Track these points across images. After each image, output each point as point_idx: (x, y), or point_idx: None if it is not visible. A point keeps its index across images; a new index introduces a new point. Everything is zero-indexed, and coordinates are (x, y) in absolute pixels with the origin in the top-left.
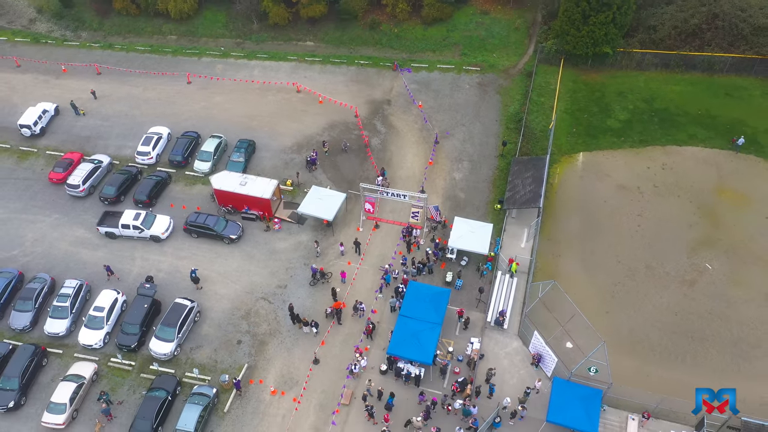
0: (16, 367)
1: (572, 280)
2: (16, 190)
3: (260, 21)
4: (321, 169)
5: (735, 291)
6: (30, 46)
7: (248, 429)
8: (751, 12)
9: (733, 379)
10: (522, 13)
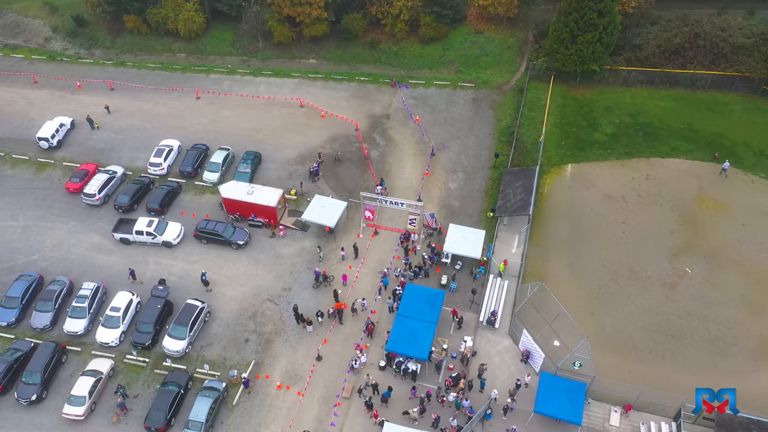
0: (38, 363)
1: (560, 283)
2: (35, 199)
3: (265, 40)
4: (323, 179)
5: (713, 293)
6: (46, 64)
7: (255, 420)
8: (731, 32)
9: (710, 374)
10: (514, 33)
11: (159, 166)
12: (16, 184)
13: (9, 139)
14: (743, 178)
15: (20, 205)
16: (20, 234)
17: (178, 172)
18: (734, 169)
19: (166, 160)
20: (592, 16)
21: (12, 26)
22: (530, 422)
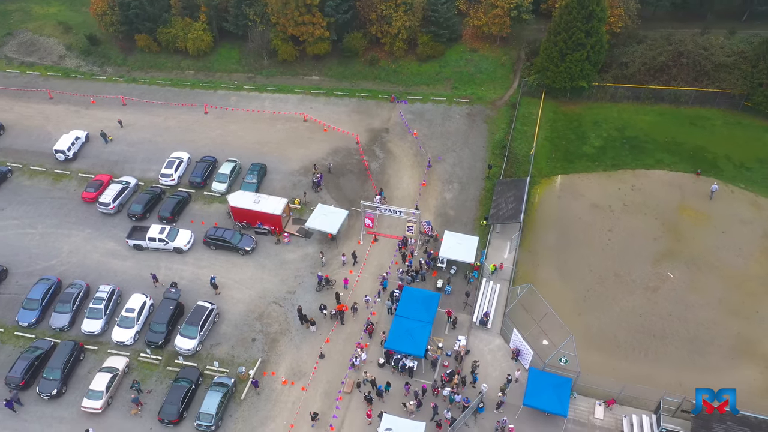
0: (59, 360)
1: (549, 286)
2: (52, 208)
3: (270, 57)
4: (326, 189)
5: (693, 296)
6: (61, 80)
7: (262, 414)
8: (713, 51)
9: (689, 371)
10: (507, 51)
11: (170, 176)
12: (34, 193)
13: (27, 151)
14: (723, 189)
15: (38, 214)
16: (39, 240)
17: (188, 183)
18: (712, 179)
19: (177, 171)
20: (580, 36)
21: (28, 45)
22: (520, 415)
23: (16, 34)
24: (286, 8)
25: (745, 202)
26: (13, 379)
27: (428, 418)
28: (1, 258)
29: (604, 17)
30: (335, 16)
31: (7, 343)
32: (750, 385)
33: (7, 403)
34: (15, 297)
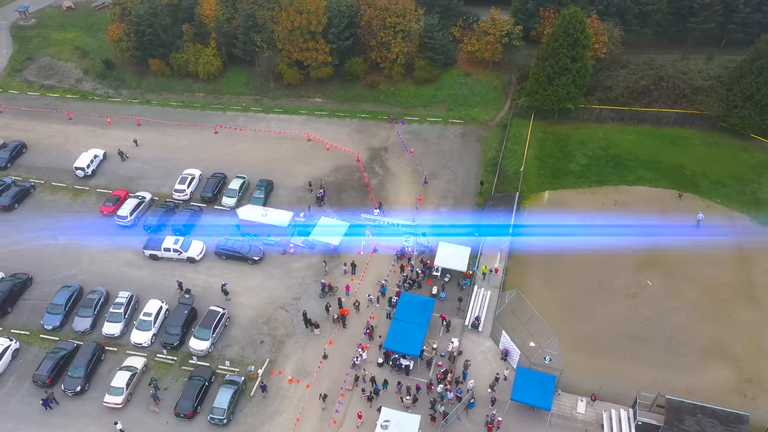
0: (82, 359)
1: (536, 293)
2: (72, 221)
3: (276, 81)
4: (328, 204)
5: (670, 302)
6: (79, 102)
7: (270, 409)
8: (691, 75)
9: (665, 371)
10: (499, 75)
11: (183, 192)
12: (55, 207)
13: (48, 168)
14: (700, 203)
15: (60, 226)
16: (61, 251)
17: (200, 198)
18: (692, 195)
19: (189, 187)
20: (566, 62)
21: (47, 68)
22: (508, 409)
23: (36, 59)
24: (292, 35)
25: (721, 216)
26: (40, 377)
27: (425, 412)
28: (27, 267)
29: (589, 44)
30: (337, 42)
31: (34, 344)
32: (721, 383)
33: (43, 402)
34: (40, 303)
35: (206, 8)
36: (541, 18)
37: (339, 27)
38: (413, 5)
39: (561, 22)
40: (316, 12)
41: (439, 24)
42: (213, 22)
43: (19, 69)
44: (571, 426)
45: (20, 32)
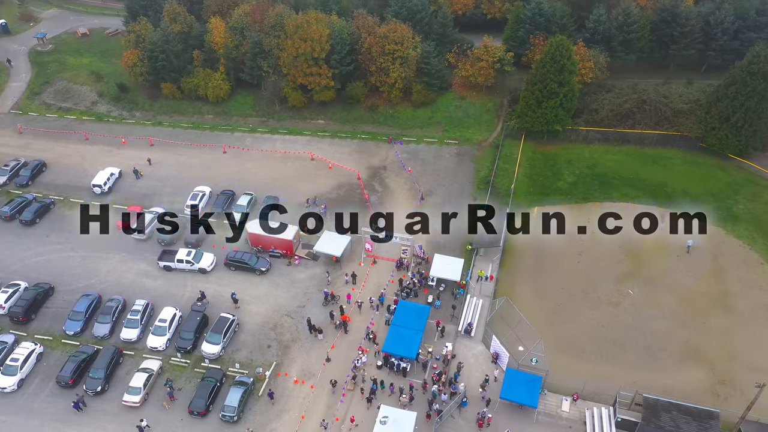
0: (102, 362)
1: (525, 301)
2: (90, 235)
3: (281, 104)
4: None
5: (649, 310)
6: (94, 123)
7: (277, 407)
8: (672, 99)
9: (644, 372)
10: (492, 98)
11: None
12: (74, 222)
13: (66, 186)
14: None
15: (78, 240)
16: (80, 263)
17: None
18: (670, 210)
19: (200, 203)
20: (554, 86)
21: (63, 92)
22: (498, 407)
23: (53, 83)
24: (297, 61)
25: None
26: (64, 378)
27: (421, 410)
28: (48, 277)
29: (575, 70)
30: (339, 68)
31: (56, 349)
32: (696, 384)
33: (74, 404)
34: (61, 310)
35: (216, 36)
36: (531, 45)
37: (341, 53)
38: (410, 33)
39: (548, 49)
40: (319, 40)
41: (435, 51)
42: (222, 48)
43: (38, 92)
44: (556, 423)
45: (38, 57)
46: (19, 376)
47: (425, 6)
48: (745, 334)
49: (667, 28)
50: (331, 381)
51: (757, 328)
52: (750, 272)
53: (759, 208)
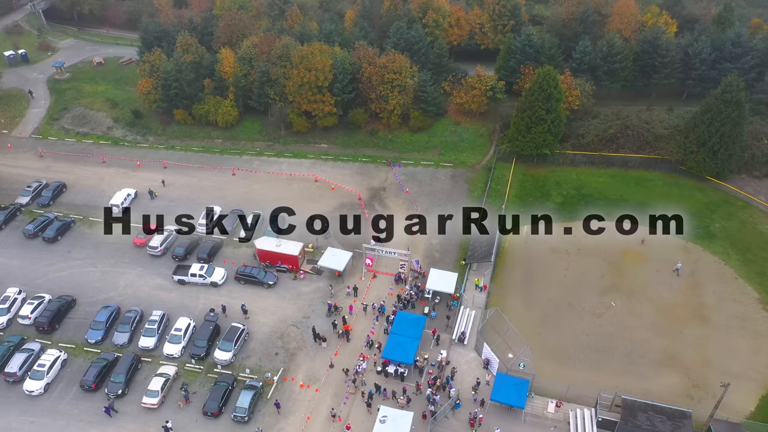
0: (122, 368)
1: (515, 312)
2: (108, 250)
3: (287, 129)
4: (334, 236)
5: (630, 321)
6: (111, 147)
7: (284, 409)
8: (653, 124)
9: (624, 378)
10: (485, 124)
11: (206, 226)
12: (93, 239)
13: (86, 205)
14: (659, 236)
15: (98, 256)
16: (99, 277)
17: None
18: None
19: (211, 222)
20: (542, 113)
21: (80, 117)
22: (488, 409)
23: (71, 109)
24: (301, 89)
25: (676, 247)
26: (87, 382)
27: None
28: (70, 290)
29: (561, 98)
30: (341, 95)
31: (79, 356)
32: (672, 388)
33: (106, 409)
34: (83, 321)
35: (226, 65)
36: (521, 74)
37: (343, 82)
38: (408, 63)
39: (536, 79)
40: (323, 69)
41: (431, 79)
42: (231, 77)
43: (56, 118)
44: (542, 423)
45: (56, 85)
46: (45, 381)
47: (422, 37)
48: (718, 342)
49: (649, 59)
50: (343, 369)
51: (730, 338)
52: (725, 286)
53: (734, 226)
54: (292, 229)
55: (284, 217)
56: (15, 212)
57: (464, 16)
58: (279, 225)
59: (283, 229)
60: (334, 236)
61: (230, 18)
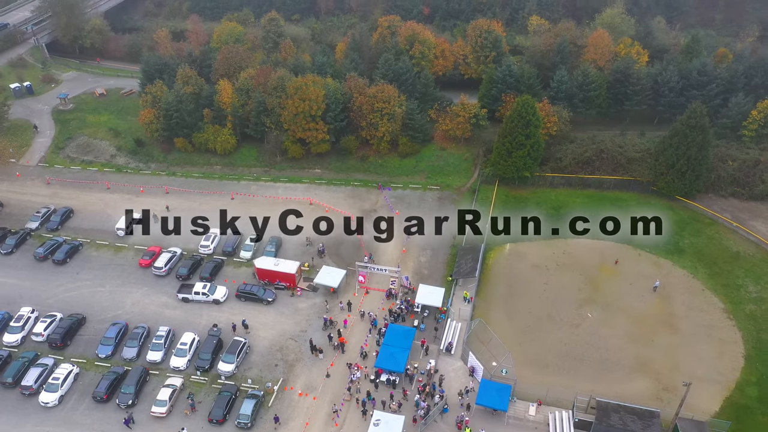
0: (132, 379)
1: (498, 323)
2: (115, 272)
3: (282, 155)
4: (328, 256)
5: (605, 330)
6: (114, 174)
7: (284, 416)
8: (626, 148)
9: (599, 383)
10: (469, 149)
11: (207, 247)
12: (100, 262)
13: (92, 229)
14: (632, 252)
15: (105, 276)
16: (107, 296)
17: (222, 252)
18: (625, 245)
19: (213, 243)
20: (521, 139)
21: (84, 146)
22: (474, 412)
23: (75, 138)
24: (296, 118)
25: (649, 262)
26: (99, 393)
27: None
28: (80, 309)
29: (539, 124)
30: (334, 123)
31: (90, 370)
32: (644, 391)
33: (125, 421)
34: (93, 337)
35: (224, 96)
36: (503, 102)
37: (335, 111)
38: (396, 93)
39: (516, 107)
40: (316, 99)
41: (418, 108)
42: (229, 107)
43: (62, 147)
44: (524, 425)
45: (60, 115)
46: (59, 393)
47: (409, 68)
48: (686, 349)
49: (622, 87)
50: (347, 364)
51: (697, 345)
52: (692, 297)
53: (701, 242)
54: (299, 230)
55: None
56: (25, 236)
57: (448, 48)
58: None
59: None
60: (329, 256)
61: (227, 51)
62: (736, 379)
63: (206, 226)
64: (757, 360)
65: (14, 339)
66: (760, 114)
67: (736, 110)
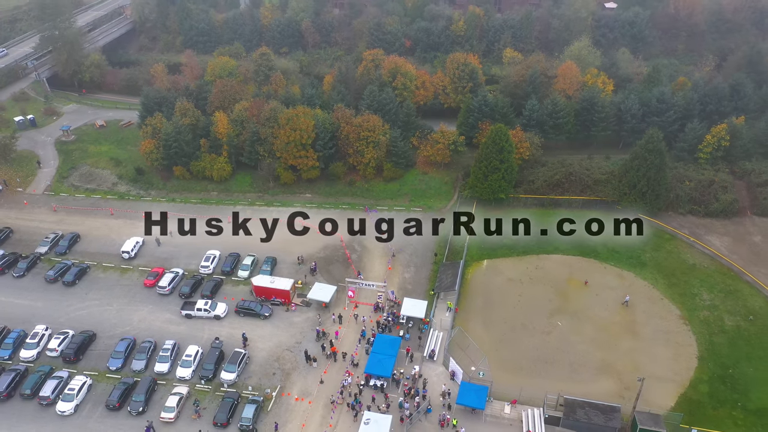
0: (142, 389)
1: (476, 332)
2: (122, 292)
3: (275, 181)
4: (320, 273)
5: (574, 337)
6: (117, 201)
7: (283, 420)
8: (593, 171)
9: (568, 383)
10: (449, 173)
11: (207, 267)
12: (107, 283)
13: (98, 253)
14: (599, 266)
15: (112, 296)
16: (115, 314)
17: (221, 271)
18: (592, 260)
19: (212, 263)
20: (496, 163)
21: (87, 175)
22: (455, 411)
23: (78, 168)
24: (288, 147)
25: (613, 275)
26: (112, 402)
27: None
28: (90, 326)
29: (513, 150)
30: (323, 151)
31: (101, 381)
32: (608, 390)
33: (147, 429)
34: (103, 352)
35: (220, 127)
36: (479, 129)
37: (324, 139)
38: (381, 122)
39: (490, 135)
40: (306, 129)
41: (401, 135)
42: (225, 137)
43: (65, 176)
44: (500, 422)
45: (63, 146)
46: (75, 402)
47: (392, 99)
48: (646, 352)
49: (588, 114)
50: (342, 353)
51: (656, 348)
52: (652, 306)
53: (661, 256)
54: (306, 230)
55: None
56: (35, 261)
57: (429, 79)
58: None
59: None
60: (320, 273)
61: (222, 84)
62: (690, 378)
63: (220, 227)
64: (709, 360)
65: (31, 354)
66: (713, 138)
67: (692, 135)
